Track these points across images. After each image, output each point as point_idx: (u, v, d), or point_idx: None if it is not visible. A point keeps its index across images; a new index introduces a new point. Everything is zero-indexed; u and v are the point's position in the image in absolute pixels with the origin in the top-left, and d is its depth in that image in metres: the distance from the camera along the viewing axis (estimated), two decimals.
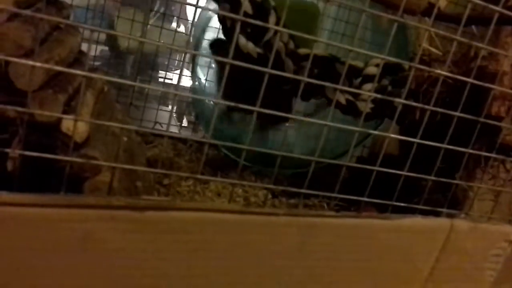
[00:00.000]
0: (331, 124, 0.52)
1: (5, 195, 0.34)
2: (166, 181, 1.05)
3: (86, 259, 0.37)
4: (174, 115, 1.67)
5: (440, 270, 0.52)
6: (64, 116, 0.45)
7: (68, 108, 0.53)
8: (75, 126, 0.46)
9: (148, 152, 1.19)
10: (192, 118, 1.58)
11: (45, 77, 0.48)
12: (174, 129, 1.52)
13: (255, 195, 1.16)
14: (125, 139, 0.70)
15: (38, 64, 0.38)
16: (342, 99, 0.88)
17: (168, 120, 0.46)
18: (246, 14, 0.78)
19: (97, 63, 1.75)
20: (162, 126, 1.40)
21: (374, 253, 0.48)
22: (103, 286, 0.38)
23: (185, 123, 1.72)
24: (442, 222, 0.50)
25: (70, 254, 0.37)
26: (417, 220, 0.49)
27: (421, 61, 0.74)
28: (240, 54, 0.84)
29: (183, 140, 1.32)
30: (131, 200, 0.37)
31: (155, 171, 0.49)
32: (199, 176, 0.48)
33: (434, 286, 0.53)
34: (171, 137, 1.32)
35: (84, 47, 0.70)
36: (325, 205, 1.12)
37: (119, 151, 0.57)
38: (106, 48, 1.90)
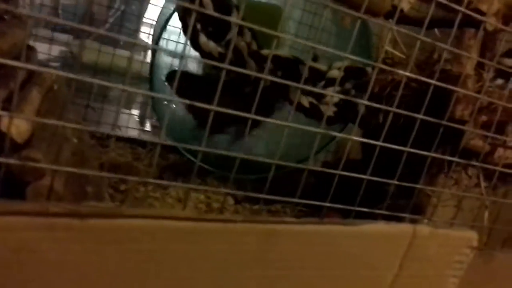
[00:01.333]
0: (291, 124, 0.50)
1: None
2: (123, 187, 1.01)
3: (20, 273, 0.33)
4: (136, 118, 1.62)
5: (404, 278, 0.51)
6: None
7: (9, 105, 0.48)
8: (10, 122, 0.42)
9: (104, 156, 1.14)
10: (155, 122, 1.53)
11: None
12: (135, 133, 1.46)
13: (217, 200, 1.13)
14: (75, 140, 0.65)
15: None
16: (305, 101, 0.86)
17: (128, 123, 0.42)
18: (205, 12, 0.75)
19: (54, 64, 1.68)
20: (121, 130, 1.36)
21: (337, 261, 0.46)
22: None
23: (148, 127, 1.67)
24: (404, 227, 0.48)
25: (2, 267, 0.33)
26: (380, 226, 0.47)
27: (384, 64, 0.73)
28: (203, 54, 0.81)
29: (143, 144, 1.28)
30: (72, 207, 0.34)
31: (107, 175, 0.46)
32: (152, 181, 0.45)
33: None
34: (129, 140, 1.27)
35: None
36: (288, 211, 1.10)
37: (64, 153, 0.52)
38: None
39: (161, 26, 0.99)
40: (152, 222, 0.36)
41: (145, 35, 1.53)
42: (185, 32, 0.80)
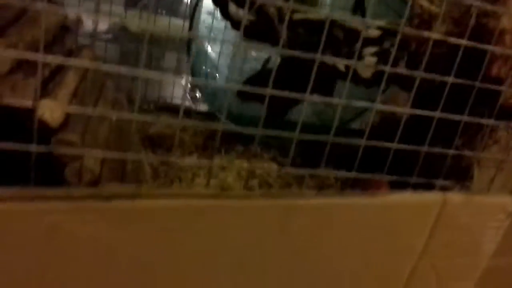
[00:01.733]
0: (314, 99, 0.49)
1: None
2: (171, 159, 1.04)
3: (54, 254, 0.37)
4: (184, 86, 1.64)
5: (435, 246, 0.50)
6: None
7: (44, 91, 0.51)
8: (45, 110, 0.45)
9: (151, 129, 1.18)
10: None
11: (14, 60, 0.47)
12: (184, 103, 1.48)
13: (260, 167, 1.15)
14: (114, 118, 0.68)
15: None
16: (340, 66, 0.85)
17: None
18: None
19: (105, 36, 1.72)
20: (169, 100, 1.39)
21: (360, 232, 0.47)
22: (73, 277, 0.37)
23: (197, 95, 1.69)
24: (433, 196, 0.47)
25: (37, 249, 0.36)
26: (406, 196, 0.46)
27: (422, 20, 0.70)
28: (233, 24, 0.81)
29: (189, 113, 1.31)
30: (94, 190, 0.36)
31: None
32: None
33: (429, 261, 0.51)
34: (175, 111, 1.30)
35: None
36: (331, 176, 1.10)
37: (101, 133, 0.55)
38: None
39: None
40: (170, 201, 0.38)
41: None
42: (214, 1, 0.80)
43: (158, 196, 0.38)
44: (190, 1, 1.16)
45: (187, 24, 1.26)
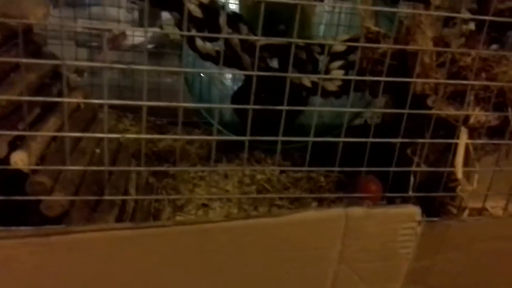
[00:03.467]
0: (319, 109, 0.57)
1: None
2: (172, 171, 1.15)
3: (8, 278, 0.48)
4: None
5: (350, 253, 0.57)
6: None
7: (21, 143, 0.63)
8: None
9: (160, 144, 1.29)
10: None
11: None
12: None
13: (262, 172, 1.23)
14: (97, 151, 0.79)
15: None
16: (306, 82, 0.91)
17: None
18: (196, 18, 0.83)
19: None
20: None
21: (276, 248, 0.54)
22: None
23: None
24: (335, 212, 0.54)
25: None
26: (310, 214, 0.53)
27: (367, 40, 0.76)
28: (201, 55, 0.90)
29: (197, 125, 1.41)
30: (36, 229, 0.46)
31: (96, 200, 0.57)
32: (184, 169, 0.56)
33: (349, 266, 0.57)
34: (184, 124, 1.40)
35: None
36: (322, 178, 1.16)
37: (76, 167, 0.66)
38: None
39: None
40: (97, 234, 0.48)
41: None
42: (183, 37, 0.89)
43: (85, 231, 0.48)
44: None
45: None
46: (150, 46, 1.98)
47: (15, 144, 0.62)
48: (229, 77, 1.37)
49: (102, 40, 1.70)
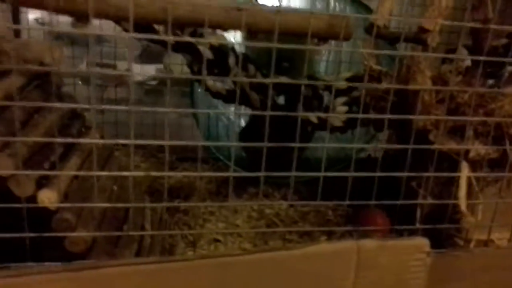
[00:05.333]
0: (327, 145, 0.60)
1: None
2: (183, 207, 1.18)
3: None
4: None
5: (363, 285, 0.59)
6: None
7: (46, 181, 0.66)
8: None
9: (171, 180, 1.32)
10: None
11: (16, 164, 0.62)
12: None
13: (270, 207, 1.26)
14: (115, 188, 0.82)
15: None
16: (313, 118, 0.95)
17: None
18: (207, 59, 0.88)
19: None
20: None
21: (291, 280, 0.57)
22: None
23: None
24: (347, 244, 0.57)
25: None
26: (323, 246, 0.56)
27: (370, 78, 0.80)
28: (212, 94, 0.94)
29: (205, 161, 1.44)
30: (66, 265, 0.49)
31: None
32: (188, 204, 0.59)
33: None
34: (194, 160, 1.44)
35: None
36: (330, 211, 1.19)
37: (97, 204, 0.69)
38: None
39: None
40: (123, 268, 0.51)
41: None
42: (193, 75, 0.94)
43: (113, 265, 0.51)
44: None
45: None
46: (153, 82, 2.04)
47: (41, 183, 0.66)
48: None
49: (108, 77, 1.76)
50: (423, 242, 0.59)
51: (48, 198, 0.63)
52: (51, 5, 0.60)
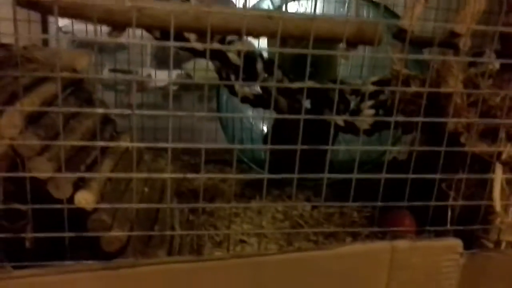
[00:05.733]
0: (353, 147, 0.62)
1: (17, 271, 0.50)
2: (208, 209, 1.19)
3: None
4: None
5: (396, 285, 0.60)
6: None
7: (82, 183, 0.68)
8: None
9: (195, 182, 1.34)
10: None
11: (54, 167, 0.64)
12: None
13: (294, 208, 1.26)
14: (146, 189, 0.84)
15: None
16: (340, 121, 0.96)
17: None
18: (235, 65, 0.90)
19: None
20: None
21: (322, 280, 0.57)
22: None
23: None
24: (381, 245, 0.57)
25: None
26: (357, 247, 0.57)
27: (397, 81, 0.80)
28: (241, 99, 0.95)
29: (228, 163, 1.46)
30: (105, 263, 0.51)
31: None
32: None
33: None
34: (218, 162, 1.45)
35: None
36: (356, 213, 1.19)
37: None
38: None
39: None
40: (157, 267, 0.52)
41: None
42: (221, 80, 0.95)
43: (150, 264, 0.52)
44: None
45: None
46: (174, 88, 2.07)
47: (78, 185, 0.68)
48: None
49: (128, 83, 1.80)
50: (456, 243, 0.60)
51: (85, 199, 0.65)
52: (91, 16, 0.62)
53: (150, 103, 1.90)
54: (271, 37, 0.66)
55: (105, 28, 0.75)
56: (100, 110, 0.59)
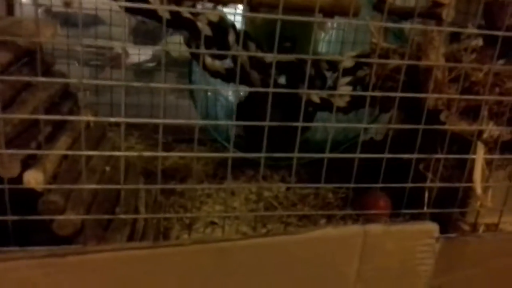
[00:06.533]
0: (330, 125, 0.58)
1: None
2: (179, 189, 1.14)
3: None
4: None
5: (367, 271, 0.56)
6: None
7: (33, 161, 0.63)
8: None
9: (167, 162, 1.29)
10: None
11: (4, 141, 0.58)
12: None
13: (268, 189, 1.22)
14: (107, 168, 0.79)
15: None
16: (315, 98, 0.91)
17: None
18: (206, 36, 0.84)
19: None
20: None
21: (293, 266, 0.53)
22: None
23: None
24: (354, 229, 0.54)
25: None
26: (327, 231, 0.53)
27: (378, 56, 0.76)
28: (211, 73, 0.90)
29: (202, 142, 1.41)
30: (51, 250, 0.46)
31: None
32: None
33: (366, 285, 0.57)
34: (190, 141, 1.40)
35: None
36: (330, 194, 1.16)
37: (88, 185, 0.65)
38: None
39: None
40: (112, 254, 0.47)
41: None
42: (192, 55, 0.89)
43: (102, 250, 0.47)
44: None
45: None
46: (151, 64, 2.00)
47: (27, 163, 0.62)
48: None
49: (105, 58, 1.72)
50: (432, 227, 0.56)
51: (34, 179, 0.60)
52: None
53: (121, 80, 1.83)
54: (241, 3, 0.61)
55: None
56: (52, 80, 0.53)
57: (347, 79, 0.92)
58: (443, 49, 0.65)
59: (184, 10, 0.72)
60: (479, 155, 0.63)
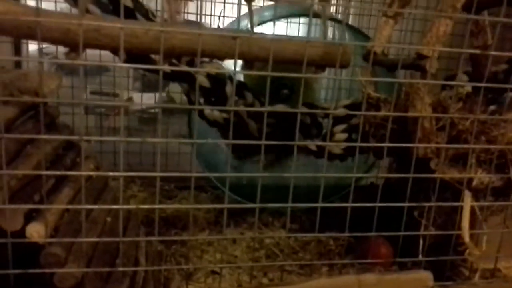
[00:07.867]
0: (325, 175, 0.60)
1: None
2: (182, 237, 1.15)
3: None
4: None
5: None
6: None
7: (36, 214, 0.64)
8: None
9: (168, 209, 1.30)
10: None
11: (3, 197, 0.60)
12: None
13: (270, 236, 1.23)
14: (108, 219, 0.80)
15: None
16: (312, 146, 0.93)
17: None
18: (204, 88, 0.87)
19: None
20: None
21: None
22: None
23: None
24: (348, 279, 0.54)
25: None
26: (322, 281, 0.54)
27: (368, 105, 0.79)
28: (209, 122, 0.93)
29: (204, 189, 1.42)
30: None
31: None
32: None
33: None
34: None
35: None
36: (332, 241, 1.16)
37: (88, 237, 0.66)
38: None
39: None
40: None
41: None
42: (190, 103, 0.92)
43: None
44: None
45: None
46: (153, 111, 2.05)
47: (31, 215, 0.64)
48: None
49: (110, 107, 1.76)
50: (426, 276, 0.57)
51: (37, 232, 0.61)
52: (45, 36, 0.59)
53: (125, 127, 1.87)
54: (234, 58, 0.64)
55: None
56: (52, 138, 0.55)
57: (342, 126, 0.94)
58: (429, 99, 0.67)
59: (184, 68, 0.76)
60: (467, 203, 0.64)
